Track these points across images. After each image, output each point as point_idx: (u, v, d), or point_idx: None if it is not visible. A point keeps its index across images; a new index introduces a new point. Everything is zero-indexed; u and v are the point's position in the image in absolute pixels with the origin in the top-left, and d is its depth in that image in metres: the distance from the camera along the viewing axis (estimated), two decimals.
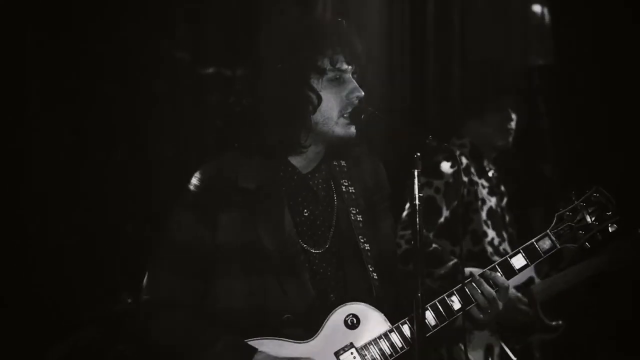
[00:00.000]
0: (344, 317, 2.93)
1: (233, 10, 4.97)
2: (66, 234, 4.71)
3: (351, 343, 2.92)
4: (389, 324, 2.96)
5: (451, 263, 4.34)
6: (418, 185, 2.78)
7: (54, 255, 4.65)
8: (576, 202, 3.08)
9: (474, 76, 4.82)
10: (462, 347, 4.24)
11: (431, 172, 4.46)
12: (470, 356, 4.34)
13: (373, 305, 2.97)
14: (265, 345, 2.86)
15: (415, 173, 2.78)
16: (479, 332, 4.41)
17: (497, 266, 3.03)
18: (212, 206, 2.94)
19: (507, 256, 3.06)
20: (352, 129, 2.98)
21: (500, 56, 5.87)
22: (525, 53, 6.09)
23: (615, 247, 4.78)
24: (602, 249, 4.77)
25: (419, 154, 2.79)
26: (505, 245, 4.67)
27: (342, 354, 2.91)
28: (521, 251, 3.05)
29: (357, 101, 2.96)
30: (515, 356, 4.50)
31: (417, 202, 2.76)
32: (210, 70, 5.02)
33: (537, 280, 4.68)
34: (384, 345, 2.94)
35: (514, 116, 4.70)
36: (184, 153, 4.86)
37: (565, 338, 4.92)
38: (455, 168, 4.47)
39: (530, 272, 4.65)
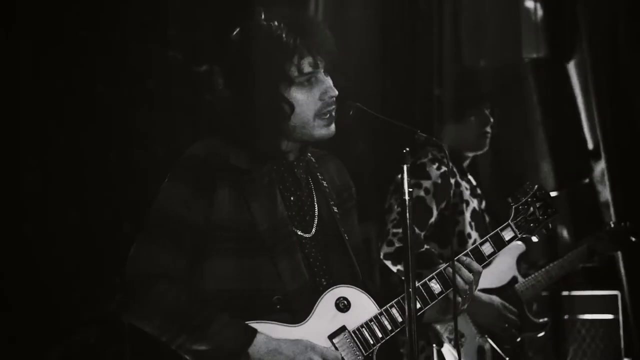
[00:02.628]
0: (335, 300, 2.96)
1: (225, 8, 4.99)
2: (63, 235, 4.72)
3: (344, 326, 2.95)
4: (377, 307, 2.99)
5: (441, 267, 4.37)
6: (407, 182, 2.82)
7: (51, 255, 4.66)
8: (526, 197, 3.31)
9: (453, 81, 4.82)
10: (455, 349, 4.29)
11: (419, 173, 4.47)
12: (463, 358, 4.37)
13: (361, 289, 3.01)
14: (257, 328, 2.85)
15: (405, 168, 2.80)
16: (469, 335, 4.44)
17: (469, 252, 3.17)
18: (205, 180, 2.92)
19: (477, 244, 3.21)
20: (331, 129, 3.01)
21: (475, 60, 5.91)
22: (516, 48, 6.12)
23: (593, 240, 4.82)
24: (580, 243, 4.82)
25: (407, 149, 2.82)
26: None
27: (335, 337, 2.94)
28: (489, 239, 3.22)
29: (331, 100, 2.97)
30: (506, 356, 4.53)
31: (406, 197, 2.78)
32: (204, 68, 5.02)
33: (520, 279, 4.71)
34: (376, 328, 2.97)
35: (491, 120, 4.71)
36: (179, 151, 4.86)
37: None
38: (442, 170, 4.49)
39: (512, 271, 4.67)
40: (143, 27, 4.94)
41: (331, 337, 2.93)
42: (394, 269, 4.42)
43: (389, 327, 2.99)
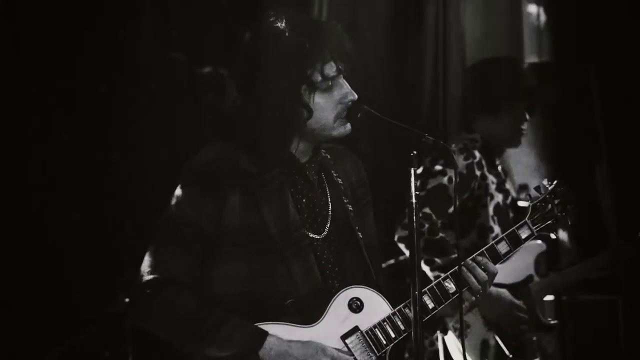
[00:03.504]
0: (348, 300, 2.95)
1: (227, 10, 4.99)
2: (64, 235, 4.71)
3: (357, 327, 2.94)
4: (390, 307, 2.98)
5: (453, 257, 4.36)
6: (417, 183, 2.81)
7: (53, 256, 4.66)
8: (545, 194, 3.26)
9: (490, 73, 4.77)
10: (461, 343, 4.28)
11: (447, 161, 4.44)
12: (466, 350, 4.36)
13: (374, 289, 3.00)
14: (270, 330, 2.85)
15: (412, 171, 2.79)
16: (475, 327, 4.44)
17: (485, 252, 3.14)
18: (215, 185, 2.90)
19: (492, 242, 3.18)
20: (348, 127, 3.00)
21: (516, 55, 5.90)
22: (522, 52, 6.12)
23: (616, 249, 4.79)
24: (603, 251, 4.79)
25: (415, 152, 2.81)
26: (489, 240, 4.67)
27: (348, 337, 2.93)
28: (505, 238, 3.18)
29: (350, 104, 2.97)
30: (511, 353, 4.51)
31: (413, 200, 2.78)
32: (207, 69, 5.02)
33: (536, 278, 4.69)
34: (389, 328, 2.96)
35: (527, 117, 4.69)
36: (181, 152, 4.86)
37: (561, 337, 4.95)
38: (470, 161, 4.48)
39: (529, 270, 4.65)
40: (146, 28, 4.93)
41: (344, 337, 2.93)
42: (407, 252, 4.39)
43: (402, 327, 2.97)
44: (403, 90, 5.61)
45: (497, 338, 4.51)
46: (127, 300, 4.58)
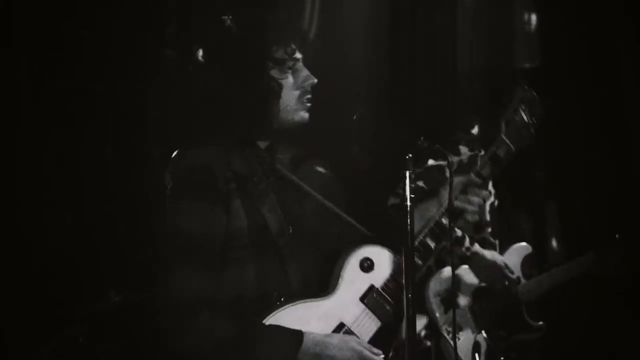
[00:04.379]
0: (359, 261, 3.04)
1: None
2: (55, 232, 4.71)
3: (372, 285, 3.04)
4: (398, 257, 3.04)
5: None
6: (411, 185, 2.84)
7: (43, 252, 4.66)
8: (514, 103, 3.26)
9: (493, 81, 4.80)
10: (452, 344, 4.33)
11: (450, 150, 4.49)
12: (459, 352, 4.40)
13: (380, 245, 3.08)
14: (292, 311, 2.91)
15: (407, 174, 2.82)
16: (467, 331, 4.47)
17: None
18: (216, 191, 2.93)
19: (478, 169, 3.22)
20: (306, 115, 3.09)
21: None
22: (513, 58, 6.15)
23: (602, 249, 4.82)
24: (589, 250, 4.82)
25: (410, 156, 2.84)
26: (485, 235, 4.70)
27: (366, 297, 3.03)
28: (488, 160, 3.23)
29: (310, 88, 3.07)
30: (501, 355, 4.54)
31: (408, 203, 2.80)
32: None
33: (522, 280, 4.72)
34: (401, 279, 2.97)
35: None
36: (174, 151, 4.86)
37: (549, 340, 4.97)
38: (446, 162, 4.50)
39: (516, 272, 4.69)
40: (139, 26, 4.94)
41: (362, 298, 3.03)
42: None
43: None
44: (398, 94, 5.62)
45: (489, 340, 4.54)
46: (117, 298, 4.61)
